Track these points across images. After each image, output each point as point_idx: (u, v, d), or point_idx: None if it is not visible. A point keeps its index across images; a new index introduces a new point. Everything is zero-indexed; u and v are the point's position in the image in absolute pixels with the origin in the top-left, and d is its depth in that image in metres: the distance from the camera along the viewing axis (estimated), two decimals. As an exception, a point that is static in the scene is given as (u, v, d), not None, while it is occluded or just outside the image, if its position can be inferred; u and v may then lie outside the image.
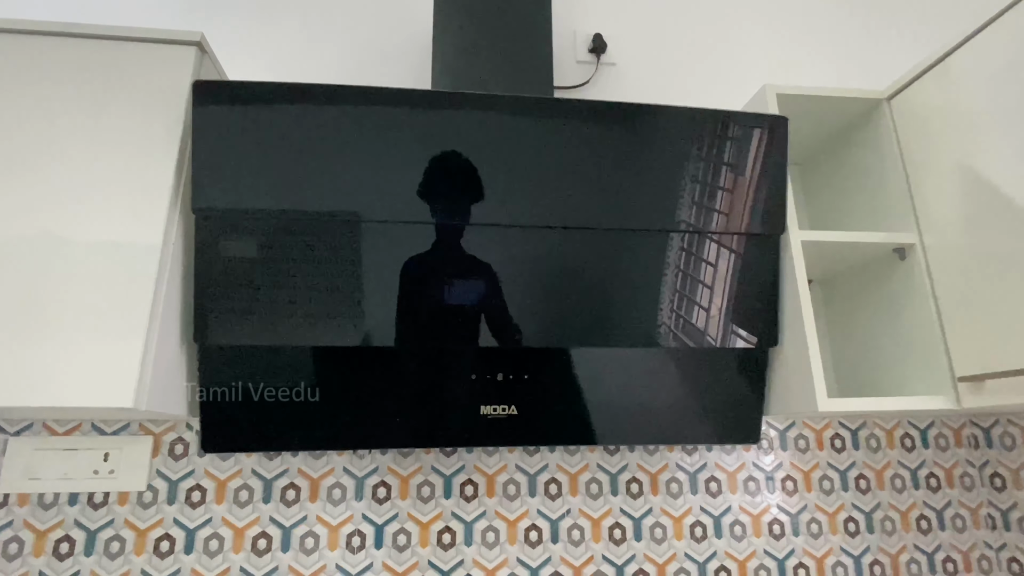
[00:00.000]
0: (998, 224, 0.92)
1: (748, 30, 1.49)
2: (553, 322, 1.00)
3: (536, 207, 0.98)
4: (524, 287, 0.98)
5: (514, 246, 0.97)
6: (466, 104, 0.97)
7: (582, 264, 1.00)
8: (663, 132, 1.02)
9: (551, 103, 1.02)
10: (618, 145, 1.01)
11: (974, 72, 0.97)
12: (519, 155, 0.98)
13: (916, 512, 1.21)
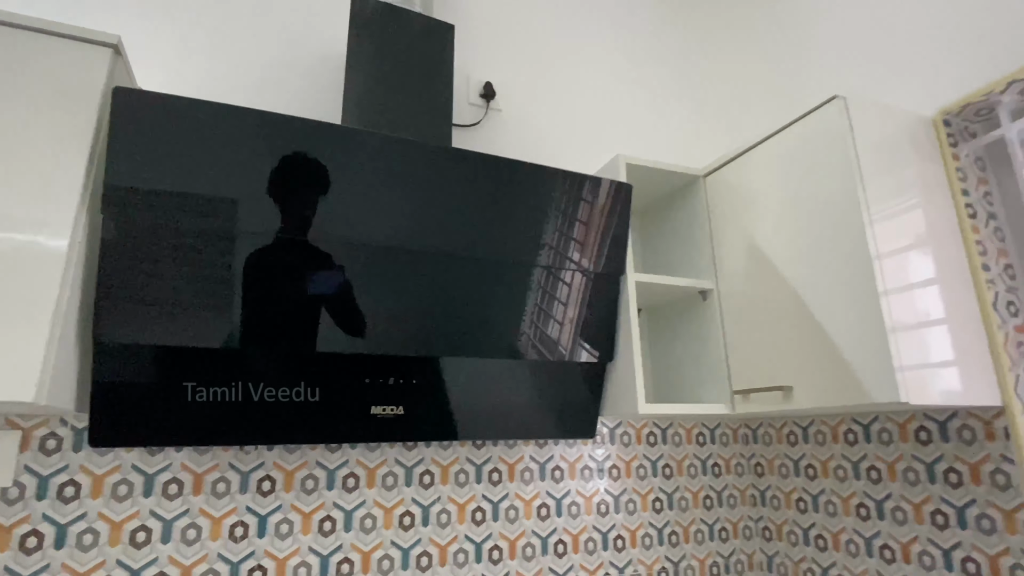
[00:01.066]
0: (762, 277, 1.28)
1: (610, 101, 1.80)
2: (428, 333, 1.15)
3: (416, 233, 1.12)
4: (400, 300, 1.12)
5: (391, 263, 1.10)
6: (361, 141, 1.08)
7: (457, 285, 1.17)
8: (533, 185, 1.22)
9: (443, 151, 1.17)
10: (496, 191, 1.19)
11: (762, 166, 1.33)
12: (418, 190, 1.12)
13: (703, 493, 1.58)
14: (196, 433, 1.02)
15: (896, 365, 1.00)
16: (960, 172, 1.22)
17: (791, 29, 1.67)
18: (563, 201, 1.25)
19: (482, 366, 1.24)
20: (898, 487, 1.28)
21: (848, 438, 1.40)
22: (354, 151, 1.06)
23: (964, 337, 1.10)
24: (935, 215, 1.17)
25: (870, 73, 1.42)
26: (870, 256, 1.06)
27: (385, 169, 1.08)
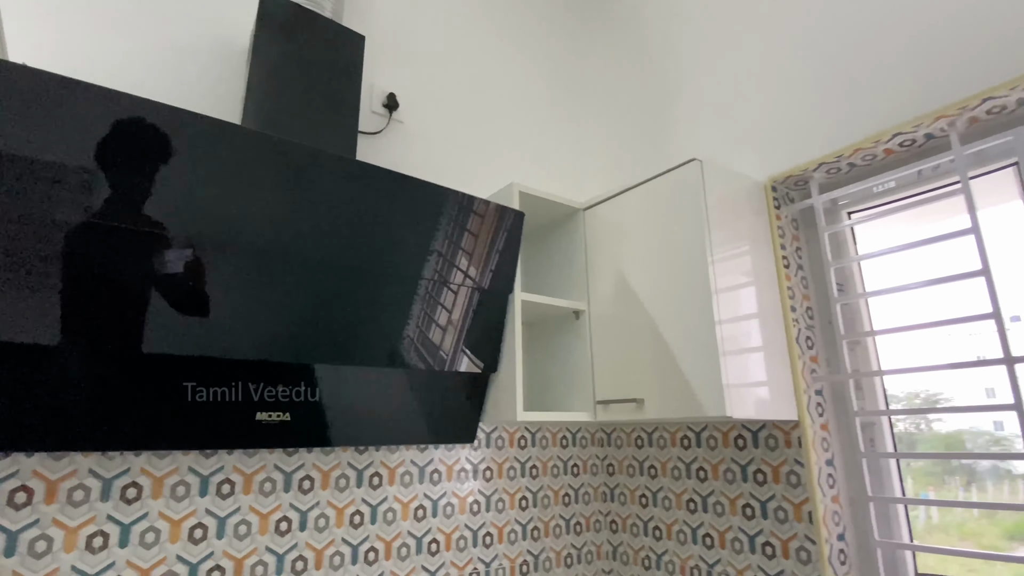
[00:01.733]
0: (626, 303, 1.47)
1: (507, 128, 1.92)
2: (308, 340, 1.15)
3: (302, 239, 1.11)
4: (279, 306, 1.10)
5: (270, 267, 1.08)
6: (256, 145, 1.06)
7: (341, 293, 1.18)
8: (430, 202, 1.28)
9: (340, 160, 1.17)
10: (391, 205, 1.22)
11: (632, 207, 1.53)
12: (308, 197, 1.12)
13: (563, 491, 1.75)
14: (49, 437, 0.95)
15: (724, 384, 1.23)
16: (780, 229, 1.52)
17: (660, 93, 1.91)
18: (458, 220, 1.32)
19: (371, 374, 1.29)
20: (719, 485, 1.54)
21: (683, 443, 1.65)
22: (240, 149, 1.03)
23: (773, 364, 1.37)
24: (759, 262, 1.44)
25: (720, 139, 1.69)
26: (711, 291, 1.29)
27: (273, 172, 1.07)
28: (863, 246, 1.49)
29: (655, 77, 1.95)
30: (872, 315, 1.45)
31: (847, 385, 1.39)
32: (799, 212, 1.57)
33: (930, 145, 1.33)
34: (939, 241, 1.26)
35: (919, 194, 1.38)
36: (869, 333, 1.42)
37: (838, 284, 1.46)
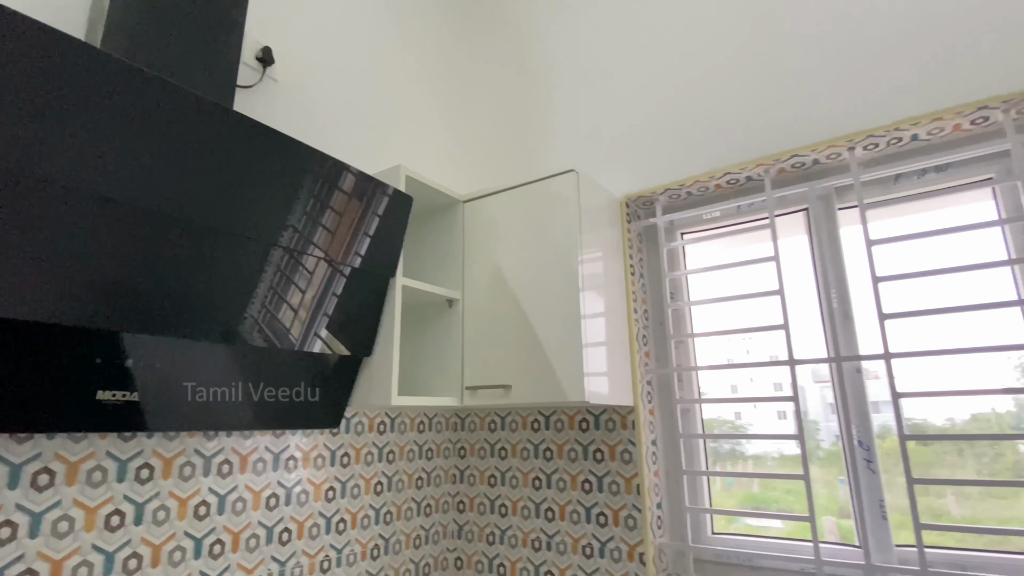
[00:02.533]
0: (500, 295, 1.56)
1: (390, 108, 1.88)
2: (134, 306, 0.97)
3: (146, 188, 0.94)
4: (106, 264, 0.92)
5: (103, 217, 0.90)
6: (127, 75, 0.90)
7: (177, 254, 1.00)
8: (304, 166, 1.17)
9: (208, 105, 1.01)
10: (258, 162, 1.09)
11: (512, 206, 1.61)
12: (160, 142, 0.95)
13: (417, 475, 1.78)
14: None
15: (585, 372, 1.38)
16: (630, 240, 1.73)
17: (538, 102, 2.04)
18: (333, 191, 1.25)
19: (225, 352, 1.18)
20: (563, 463, 1.71)
21: (534, 426, 1.80)
22: (94, 78, 0.87)
23: (617, 356, 1.57)
24: (612, 267, 1.63)
25: (587, 153, 1.87)
26: (579, 288, 1.43)
27: (125, 109, 0.91)
28: (692, 262, 1.78)
29: (535, 87, 2.07)
30: (694, 320, 1.74)
31: (672, 377, 1.66)
32: (644, 228, 1.81)
33: (749, 186, 1.64)
34: (749, 264, 1.57)
35: (737, 223, 1.70)
36: (691, 335, 1.70)
37: (671, 292, 1.72)
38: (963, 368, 1.33)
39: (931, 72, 1.34)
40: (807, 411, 1.64)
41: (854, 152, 1.46)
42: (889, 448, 1.40)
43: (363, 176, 1.30)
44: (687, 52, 1.73)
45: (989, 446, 1.39)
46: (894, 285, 1.35)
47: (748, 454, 1.66)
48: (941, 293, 1.34)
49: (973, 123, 1.33)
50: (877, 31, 1.43)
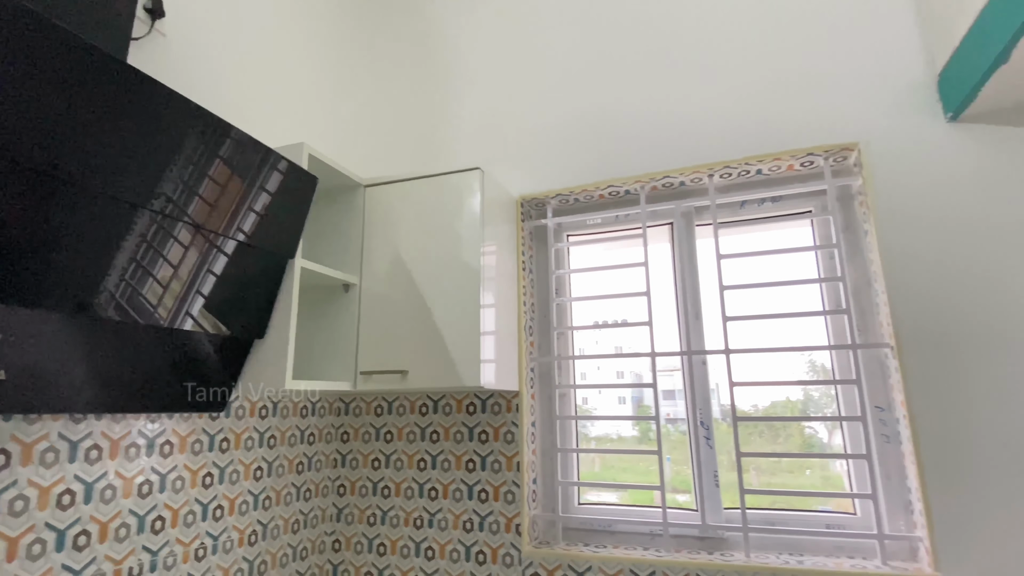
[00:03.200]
0: (399, 282, 1.60)
1: (291, 83, 1.80)
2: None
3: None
4: None
5: None
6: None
7: (28, 211, 0.88)
8: (194, 127, 1.08)
9: (88, 48, 0.89)
10: (131, 110, 0.98)
11: (416, 195, 1.65)
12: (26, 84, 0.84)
13: (298, 460, 1.76)
14: None
15: (481, 360, 1.48)
16: (523, 238, 1.86)
17: (444, 91, 2.09)
18: (239, 165, 1.20)
19: (94, 327, 1.10)
20: (449, 445, 1.80)
21: (422, 410, 1.86)
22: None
23: (508, 345, 1.69)
24: (507, 262, 1.74)
25: (488, 150, 1.96)
26: (479, 279, 1.52)
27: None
28: (575, 261, 1.96)
29: (440, 77, 2.11)
30: (574, 314, 1.92)
31: (553, 365, 1.82)
32: (535, 227, 1.95)
33: (627, 198, 1.85)
34: (623, 267, 1.78)
35: (615, 230, 1.90)
36: (571, 327, 1.88)
37: (556, 288, 1.88)
38: (768, 363, 1.66)
39: (775, 122, 1.64)
40: (641, 397, 1.91)
41: (712, 179, 1.72)
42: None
43: (256, 143, 1.24)
44: (585, 71, 1.90)
45: (782, 427, 1.74)
46: (736, 293, 1.62)
47: (592, 435, 1.89)
48: (769, 301, 1.65)
49: (802, 165, 1.64)
50: (739, 84, 1.70)
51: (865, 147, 1.53)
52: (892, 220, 1.47)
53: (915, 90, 1.52)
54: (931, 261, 1.43)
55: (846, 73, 1.60)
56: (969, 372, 1.36)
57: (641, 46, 1.84)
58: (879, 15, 1.59)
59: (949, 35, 1.40)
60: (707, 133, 1.70)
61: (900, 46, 1.56)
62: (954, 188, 1.44)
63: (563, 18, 1.97)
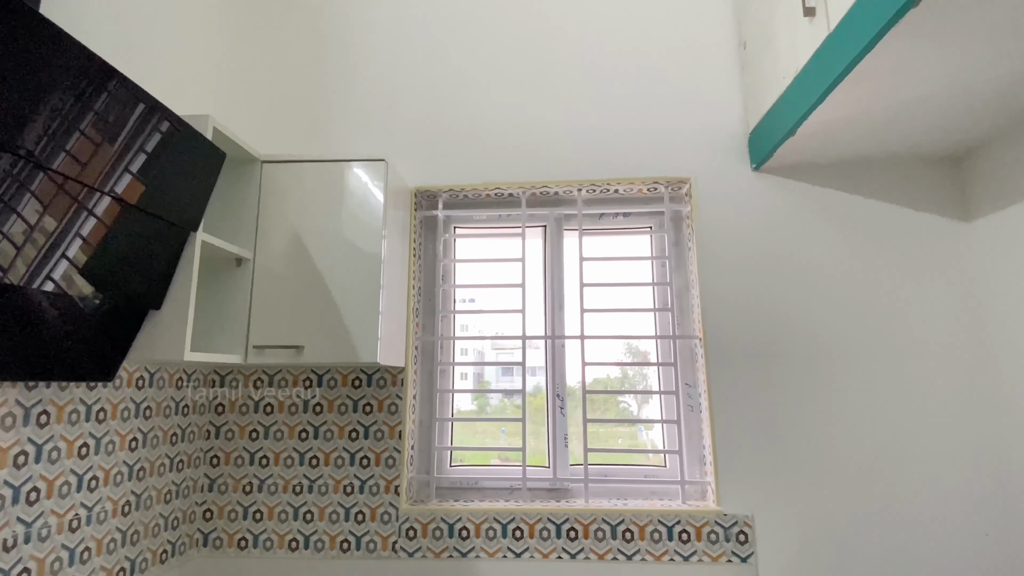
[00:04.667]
0: (296, 259, 1.67)
1: (193, 45, 1.72)
2: None
3: None
4: None
5: None
6: None
7: None
8: (71, 66, 1.02)
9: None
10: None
11: (315, 177, 1.72)
12: None
13: (172, 431, 1.74)
14: None
15: (379, 337, 1.62)
16: (415, 227, 2.02)
17: (346, 78, 2.13)
18: (138, 126, 1.19)
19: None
20: (333, 416, 1.91)
21: (305, 383, 1.94)
22: None
23: (397, 324, 1.84)
24: (401, 248, 1.89)
25: (383, 136, 2.07)
26: (380, 261, 1.66)
27: None
28: (459, 252, 2.16)
29: (340, 60, 2.14)
30: (456, 299, 2.13)
31: (436, 344, 2.02)
32: (425, 217, 2.11)
33: (509, 200, 2.10)
34: (503, 261, 2.03)
35: (498, 227, 2.14)
36: (453, 311, 2.08)
37: (442, 275, 2.07)
38: (601, 347, 2.04)
39: (632, 152, 2.00)
40: (481, 373, 2.21)
41: (581, 192, 2.04)
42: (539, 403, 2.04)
43: (185, 125, 1.26)
44: (480, 80, 2.09)
45: (603, 400, 2.14)
46: (592, 289, 1.97)
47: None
48: (615, 296, 2.02)
49: (649, 189, 2.03)
50: (607, 116, 2.03)
51: (695, 181, 1.95)
52: (708, 240, 1.91)
53: (733, 142, 1.98)
54: (733, 274, 1.89)
55: (688, 121, 2.00)
56: (751, 359, 1.84)
57: (530, 68, 2.08)
58: (713, 80, 2.02)
59: (758, 105, 1.86)
60: (580, 153, 2.01)
61: (726, 106, 2.00)
62: (754, 221, 1.92)
63: (460, 25, 2.14)
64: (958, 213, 1.85)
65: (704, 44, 2.05)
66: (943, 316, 1.79)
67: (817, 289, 1.85)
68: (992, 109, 1.51)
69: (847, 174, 1.90)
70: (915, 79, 1.36)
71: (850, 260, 1.86)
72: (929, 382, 1.76)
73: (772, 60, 1.72)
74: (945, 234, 1.84)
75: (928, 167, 1.88)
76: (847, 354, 1.80)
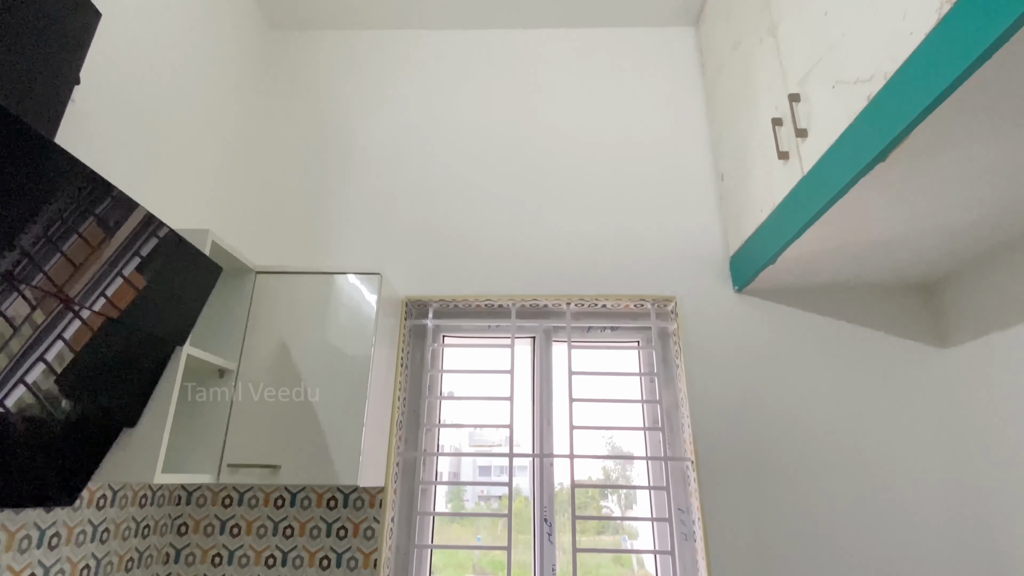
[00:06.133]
0: (281, 372, 1.63)
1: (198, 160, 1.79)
2: None
3: None
4: None
5: None
6: None
7: None
8: (68, 181, 1.02)
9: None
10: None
11: (311, 289, 1.72)
12: None
13: (129, 556, 1.60)
14: None
15: (361, 456, 1.56)
16: (404, 336, 2.01)
17: (342, 196, 2.21)
18: (137, 243, 1.20)
19: None
20: (304, 540, 1.78)
21: (277, 503, 1.82)
22: None
23: (380, 440, 1.78)
24: (389, 358, 1.87)
25: (375, 246, 2.11)
26: (368, 373, 1.63)
27: None
28: (447, 362, 2.14)
29: (337, 171, 2.24)
30: (442, 411, 2.08)
31: (418, 461, 1.94)
32: (415, 326, 2.11)
33: (500, 311, 2.12)
34: (491, 373, 2.01)
35: (488, 337, 2.15)
36: (437, 424, 2.03)
37: (428, 386, 2.04)
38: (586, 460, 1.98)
39: (620, 269, 2.06)
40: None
41: (570, 306, 2.07)
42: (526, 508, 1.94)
43: (171, 233, 1.26)
44: (475, 196, 2.19)
45: (589, 502, 2.05)
46: (581, 404, 1.94)
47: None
48: (605, 412, 1.99)
49: (636, 306, 2.07)
50: (596, 235, 2.11)
51: (680, 300, 2.00)
52: (696, 358, 1.93)
53: (716, 265, 2.05)
54: (722, 394, 1.89)
55: (673, 242, 2.09)
56: (744, 483, 1.79)
57: (523, 186, 2.19)
58: (695, 206, 2.14)
59: (738, 232, 1.95)
60: (569, 269, 2.07)
61: (708, 230, 2.10)
62: (740, 342, 1.95)
63: (457, 141, 2.27)
64: (934, 340, 1.90)
65: (686, 171, 2.19)
66: (925, 439, 1.79)
67: (805, 411, 1.85)
68: (962, 243, 1.61)
69: (827, 299, 1.97)
70: (887, 221, 1.45)
71: (833, 383, 1.87)
72: (915, 505, 1.72)
73: (749, 193, 1.84)
74: (923, 360, 1.88)
75: (905, 294, 1.96)
76: (836, 476, 1.77)
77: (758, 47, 1.77)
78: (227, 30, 2.09)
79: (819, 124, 1.38)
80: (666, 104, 2.30)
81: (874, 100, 1.16)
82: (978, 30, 0.90)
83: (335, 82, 2.39)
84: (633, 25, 2.41)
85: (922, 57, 1.03)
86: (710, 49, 2.26)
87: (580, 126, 2.28)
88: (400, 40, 2.45)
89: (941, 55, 0.98)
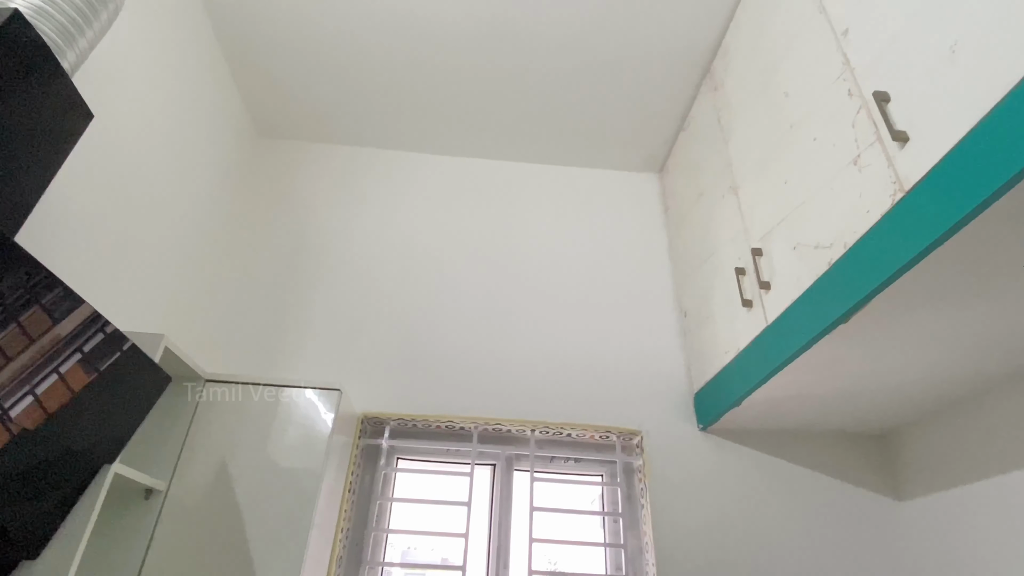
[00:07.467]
0: (217, 496, 1.46)
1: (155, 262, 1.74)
2: None
3: None
4: None
5: None
6: None
7: None
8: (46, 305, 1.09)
9: None
10: None
11: (261, 404, 1.61)
12: None
13: None
14: None
15: (293, 605, 1.37)
16: (355, 456, 1.87)
17: (308, 315, 2.17)
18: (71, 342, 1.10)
19: None
20: None
21: (184, 653, 1.55)
22: None
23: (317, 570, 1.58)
24: (337, 483, 1.72)
25: (340, 362, 2.03)
26: (315, 502, 1.48)
27: None
28: (400, 489, 1.99)
29: (301, 280, 2.20)
30: (387, 549, 1.90)
31: (356, 604, 1.73)
32: (368, 446, 1.98)
33: (461, 433, 2.03)
34: (447, 504, 1.88)
35: (445, 462, 2.03)
36: (381, 563, 1.84)
37: (376, 516, 1.87)
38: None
39: (587, 400, 2.04)
40: None
41: (534, 433, 2.01)
42: None
43: (136, 349, 1.18)
44: (439, 316, 2.17)
45: None
46: (542, 546, 1.81)
47: None
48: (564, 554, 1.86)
49: (601, 437, 2.02)
50: (564, 364, 2.12)
51: (646, 435, 1.98)
52: (661, 499, 1.86)
53: (680, 400, 2.06)
54: (688, 538, 1.81)
55: (638, 375, 2.11)
56: (710, 645, 1.66)
57: (490, 308, 2.20)
58: (659, 339, 2.19)
59: (702, 371, 1.99)
60: (535, 395, 2.03)
61: (673, 365, 2.14)
62: (705, 481, 1.91)
63: (424, 259, 2.29)
64: (890, 491, 1.92)
65: (651, 305, 2.27)
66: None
67: (767, 558, 1.78)
68: (919, 398, 1.68)
69: (790, 443, 1.99)
70: (847, 374, 1.51)
71: (797, 530, 1.84)
72: None
73: (712, 334, 1.90)
74: (880, 511, 1.89)
75: (865, 442, 2.00)
76: (810, 644, 1.67)
77: (720, 201, 1.92)
78: (215, 134, 2.13)
79: (782, 279, 1.47)
80: (633, 240, 2.43)
81: (835, 265, 1.25)
82: (928, 219, 1.00)
83: (315, 194, 2.43)
84: (604, 168, 2.61)
85: (878, 235, 1.13)
86: (674, 195, 2.44)
87: (552, 254, 2.37)
88: (383, 159, 2.55)
89: (896, 236, 1.08)
